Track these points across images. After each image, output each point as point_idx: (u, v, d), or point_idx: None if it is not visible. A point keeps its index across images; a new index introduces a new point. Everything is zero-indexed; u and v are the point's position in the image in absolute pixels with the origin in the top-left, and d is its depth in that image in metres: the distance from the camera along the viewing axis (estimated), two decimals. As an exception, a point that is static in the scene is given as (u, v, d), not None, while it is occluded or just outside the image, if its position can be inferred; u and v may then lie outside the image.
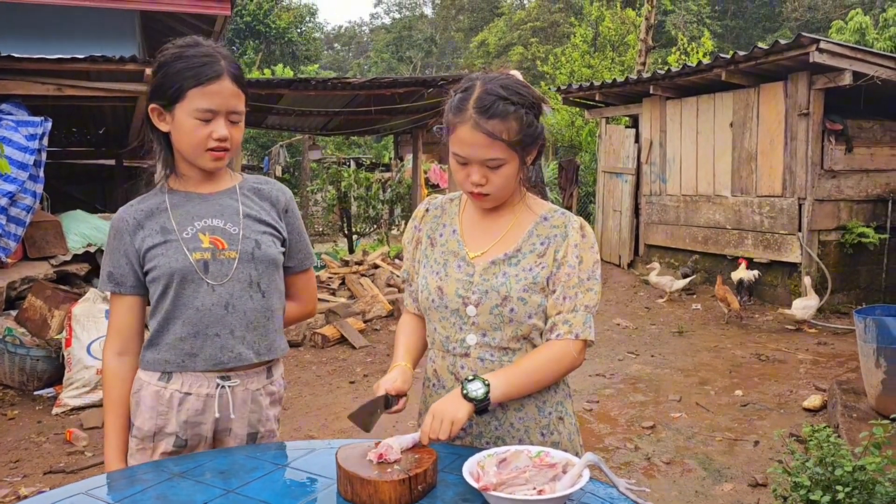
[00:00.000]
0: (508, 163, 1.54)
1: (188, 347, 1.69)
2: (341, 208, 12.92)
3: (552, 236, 1.62)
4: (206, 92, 1.61)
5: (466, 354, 1.63)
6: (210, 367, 1.69)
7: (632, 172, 10.24)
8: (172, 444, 1.71)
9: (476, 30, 39.88)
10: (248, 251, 1.71)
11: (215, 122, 1.64)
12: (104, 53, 6.16)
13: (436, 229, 1.74)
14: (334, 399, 5.21)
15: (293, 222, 1.85)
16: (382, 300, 7.83)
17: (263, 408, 1.77)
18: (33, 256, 6.19)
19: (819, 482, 2.52)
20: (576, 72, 17.20)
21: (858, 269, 7.76)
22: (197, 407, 1.70)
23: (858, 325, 4.30)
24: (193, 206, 1.73)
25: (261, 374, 1.77)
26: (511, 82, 1.56)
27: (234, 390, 1.72)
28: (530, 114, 1.54)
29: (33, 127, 5.75)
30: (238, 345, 1.70)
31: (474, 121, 1.50)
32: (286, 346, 1.84)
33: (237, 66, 1.69)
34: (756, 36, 29.28)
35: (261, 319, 1.74)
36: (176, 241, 1.69)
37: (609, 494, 1.36)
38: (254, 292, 1.72)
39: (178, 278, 1.67)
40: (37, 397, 5.19)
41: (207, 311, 1.68)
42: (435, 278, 1.66)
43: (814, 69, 7.15)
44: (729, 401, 4.95)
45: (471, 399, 1.47)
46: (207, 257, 1.69)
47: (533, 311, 1.58)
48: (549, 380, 1.59)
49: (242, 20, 27.58)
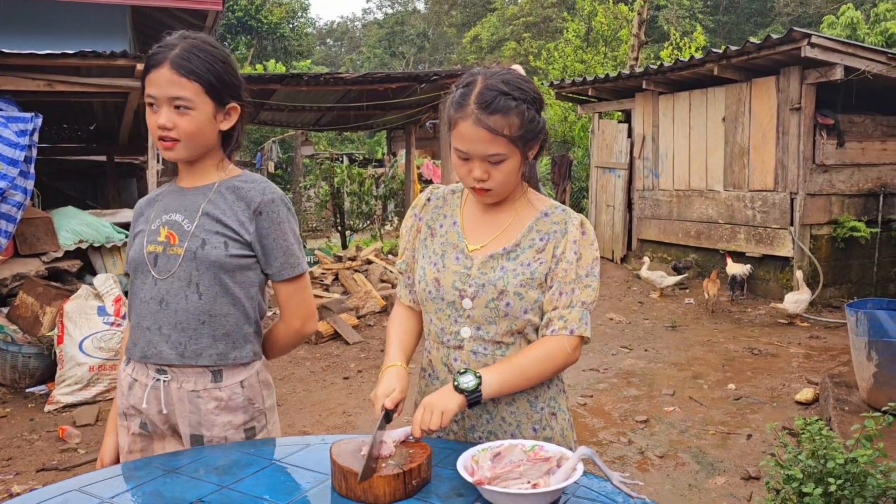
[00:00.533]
0: (510, 158, 1.54)
1: (133, 337, 1.74)
2: (334, 204, 12.90)
3: (552, 232, 1.61)
4: (150, 79, 1.65)
5: (460, 347, 1.63)
6: (139, 358, 1.72)
7: (624, 167, 10.25)
8: (138, 425, 1.76)
9: (469, 25, 39.81)
10: (192, 249, 1.68)
11: (160, 110, 1.65)
12: (95, 49, 6.12)
13: (436, 220, 1.73)
14: (328, 395, 5.20)
15: (267, 226, 1.72)
16: (376, 296, 7.83)
17: (204, 412, 1.70)
18: (24, 253, 6.14)
19: (811, 475, 2.53)
20: (568, 67, 17.21)
21: (850, 262, 7.80)
22: (139, 395, 1.73)
23: (850, 318, 4.32)
24: (171, 199, 1.77)
25: (202, 375, 1.70)
26: (513, 77, 1.56)
27: (169, 386, 1.71)
28: (532, 109, 1.54)
29: (23, 123, 5.71)
30: (162, 343, 1.69)
31: (476, 116, 1.50)
32: (244, 356, 1.74)
33: (189, 56, 1.63)
34: (748, 31, 29.34)
35: (191, 321, 1.68)
36: (143, 232, 1.75)
37: (603, 488, 1.36)
38: (190, 293, 1.68)
39: (133, 267, 1.75)
40: (29, 395, 5.16)
41: (146, 304, 1.71)
42: (433, 269, 1.65)
43: (805, 64, 7.17)
44: (722, 395, 4.97)
45: (461, 390, 1.46)
46: (159, 251, 1.71)
47: (529, 306, 1.58)
48: (543, 376, 1.59)
49: (234, 15, 27.48)
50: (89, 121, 10.07)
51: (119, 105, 7.93)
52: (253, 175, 1.81)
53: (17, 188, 5.68)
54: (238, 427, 1.73)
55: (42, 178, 6.56)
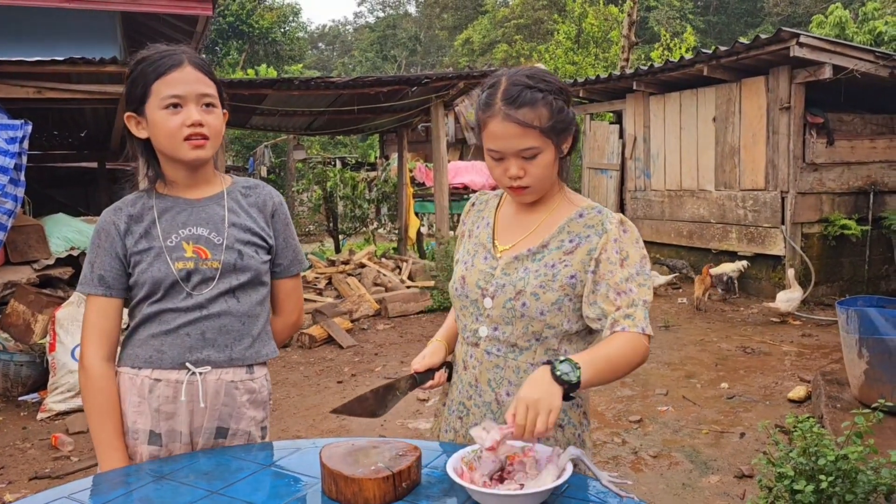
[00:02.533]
0: (544, 151, 1.53)
1: (158, 344, 1.68)
2: (327, 208, 12.88)
3: (584, 236, 1.58)
4: (168, 81, 1.62)
5: (476, 345, 1.64)
6: (176, 365, 1.68)
7: (616, 168, 10.28)
8: (147, 441, 1.68)
9: (460, 28, 39.84)
10: (230, 262, 1.70)
11: (186, 108, 1.63)
12: (85, 55, 6.09)
13: (476, 223, 1.77)
14: (322, 399, 5.20)
15: (280, 227, 1.83)
16: (369, 299, 7.83)
17: (238, 404, 1.73)
18: (15, 261, 6.12)
19: (803, 472, 2.54)
20: (560, 68, 17.26)
21: (841, 260, 7.83)
22: (167, 394, 1.68)
23: (841, 316, 4.34)
24: (180, 213, 1.72)
25: (240, 368, 1.74)
26: (536, 71, 1.57)
27: (206, 378, 1.69)
28: (559, 99, 1.53)
29: (13, 130, 5.69)
30: (207, 348, 1.69)
31: (504, 112, 1.50)
32: (270, 353, 1.81)
33: (201, 58, 1.71)
34: (738, 31, 29.46)
35: (235, 325, 1.72)
36: (160, 250, 1.67)
37: (593, 487, 1.37)
38: (230, 299, 1.71)
39: (159, 286, 1.67)
40: (21, 403, 5.14)
41: (181, 314, 1.68)
42: (462, 268, 1.69)
43: (794, 63, 7.21)
44: (715, 393, 4.99)
45: (563, 382, 1.35)
46: (190, 266, 1.68)
47: (545, 307, 1.55)
48: (625, 370, 1.49)
49: (225, 20, 27.41)
50: (80, 127, 10.04)
51: (110, 111, 7.90)
52: (249, 179, 1.88)
53: (8, 196, 5.65)
54: (258, 424, 1.79)
55: (33, 185, 6.53)
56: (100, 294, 1.69)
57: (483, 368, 1.62)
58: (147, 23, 9.99)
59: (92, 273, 1.70)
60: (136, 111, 1.66)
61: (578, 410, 1.65)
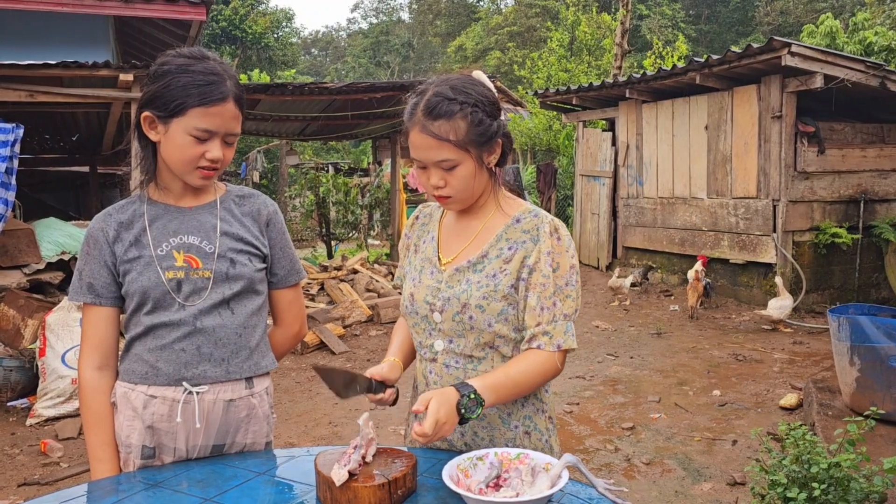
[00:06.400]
0: (462, 163, 1.52)
1: (153, 359, 1.64)
2: (320, 214, 12.87)
3: (520, 241, 1.58)
4: (208, 113, 1.57)
5: (434, 360, 1.63)
6: (172, 382, 1.64)
7: (609, 175, 10.31)
8: (140, 455, 1.65)
9: (453, 34, 39.97)
10: (222, 271, 1.66)
11: (211, 142, 1.60)
12: (78, 59, 6.08)
13: (421, 237, 1.75)
14: (314, 406, 5.18)
15: (276, 236, 1.79)
16: (362, 305, 7.81)
17: (237, 421, 1.70)
18: (5, 265, 6.08)
19: (795, 479, 2.55)
20: (553, 76, 17.31)
21: (832, 268, 7.87)
22: (162, 412, 1.64)
23: (832, 324, 4.35)
24: (171, 221, 1.68)
25: (238, 384, 1.70)
26: (462, 82, 1.54)
27: (203, 398, 1.65)
28: (480, 112, 1.51)
29: (4, 134, 5.66)
30: (203, 363, 1.65)
31: (422, 124, 1.50)
32: (269, 364, 1.77)
33: (241, 86, 1.66)
34: (730, 40, 29.65)
35: (231, 337, 1.68)
36: (150, 258, 1.64)
37: (589, 495, 1.37)
38: (223, 310, 1.67)
39: (149, 296, 1.63)
40: (10, 408, 5.10)
41: (174, 328, 1.64)
42: (410, 285, 1.68)
43: (786, 72, 7.25)
44: (707, 401, 5.00)
45: (464, 418, 1.41)
46: (181, 276, 1.64)
47: (493, 318, 1.55)
48: (531, 389, 1.56)
49: (218, 25, 27.41)
50: (72, 131, 9.99)
51: (102, 115, 7.87)
52: (243, 188, 1.84)
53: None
54: (263, 437, 1.76)
55: (24, 189, 6.51)
56: (89, 302, 1.67)
57: (444, 383, 1.60)
58: (140, 27, 9.97)
59: (81, 281, 1.67)
60: (159, 117, 1.59)
61: (543, 416, 1.66)
